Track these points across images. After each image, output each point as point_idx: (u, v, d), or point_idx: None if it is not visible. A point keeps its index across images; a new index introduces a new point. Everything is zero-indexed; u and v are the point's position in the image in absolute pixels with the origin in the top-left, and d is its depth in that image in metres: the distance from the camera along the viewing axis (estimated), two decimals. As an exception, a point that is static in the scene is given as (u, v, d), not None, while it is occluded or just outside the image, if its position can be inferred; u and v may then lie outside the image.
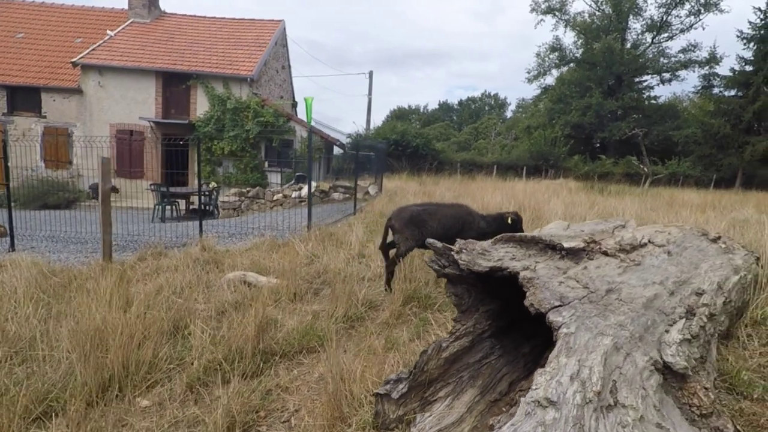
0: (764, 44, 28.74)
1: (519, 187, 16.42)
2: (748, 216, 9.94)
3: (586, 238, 1.93)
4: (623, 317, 1.45)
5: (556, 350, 1.22)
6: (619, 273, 1.76)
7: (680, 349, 1.38)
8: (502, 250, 1.84)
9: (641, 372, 1.26)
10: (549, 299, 1.45)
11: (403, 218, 4.41)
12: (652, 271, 1.87)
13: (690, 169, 30.13)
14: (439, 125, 62.37)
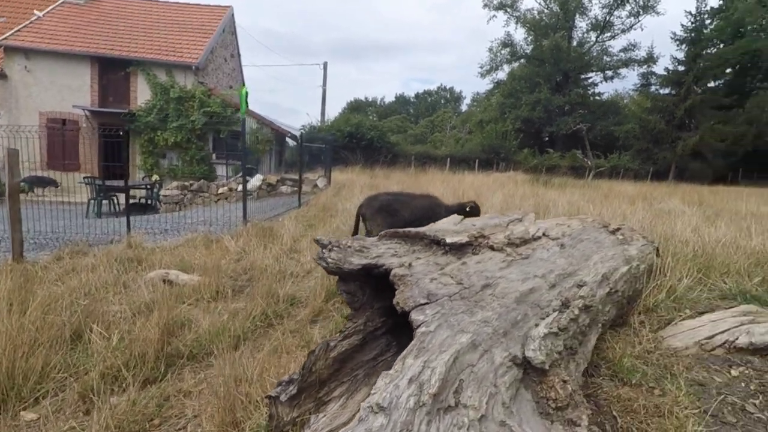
0: (694, 46, 30.77)
1: (468, 180, 16.75)
2: (673, 207, 10.63)
3: (475, 233, 1.94)
4: (491, 313, 1.46)
5: (406, 351, 1.20)
6: (501, 267, 1.78)
7: (543, 343, 1.40)
8: (384, 246, 1.81)
9: (497, 369, 1.27)
10: (415, 297, 1.43)
11: (375, 207, 4.46)
12: (538, 265, 1.91)
13: (629, 163, 31.90)
14: (396, 118, 62.54)
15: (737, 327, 2.50)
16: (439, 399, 1.06)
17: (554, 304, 1.66)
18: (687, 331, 2.62)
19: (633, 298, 2.52)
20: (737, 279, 3.84)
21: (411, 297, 1.44)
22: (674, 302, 2.99)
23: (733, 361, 2.38)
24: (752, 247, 4.96)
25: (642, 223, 6.85)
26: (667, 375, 2.18)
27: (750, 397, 2.11)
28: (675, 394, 1.96)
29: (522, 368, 1.36)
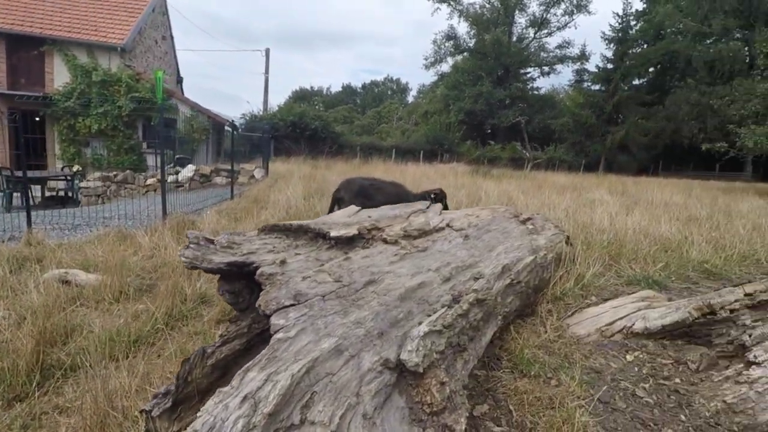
0: (621, 45, 32.76)
1: (411, 170, 16.84)
2: (599, 197, 11.23)
3: (367, 225, 1.82)
4: (367, 312, 1.34)
5: (251, 363, 1.06)
6: (391, 262, 1.68)
7: (422, 343, 1.31)
8: (260, 241, 1.65)
9: (363, 376, 1.15)
10: (281, 298, 1.29)
11: (352, 190, 4.54)
12: (435, 257, 1.83)
13: (564, 155, 33.55)
14: (343, 108, 61.85)
15: (635, 312, 2.59)
16: (278, 418, 0.93)
17: (444, 299, 1.58)
18: (590, 319, 2.67)
19: (540, 287, 2.53)
20: (643, 265, 4.05)
21: (275, 298, 1.29)
22: (582, 290, 3.06)
23: (630, 346, 2.45)
24: (660, 233, 5.29)
25: (567, 212, 7.14)
26: (566, 364, 2.19)
27: (641, 382, 2.16)
28: (569, 384, 1.96)
29: (396, 372, 1.26)
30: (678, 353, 2.35)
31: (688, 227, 6.07)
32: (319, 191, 8.13)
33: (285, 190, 8.27)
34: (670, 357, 2.34)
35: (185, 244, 1.48)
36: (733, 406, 1.90)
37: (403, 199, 4.59)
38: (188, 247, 1.47)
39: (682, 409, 1.96)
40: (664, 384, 2.15)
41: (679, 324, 2.38)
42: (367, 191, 4.56)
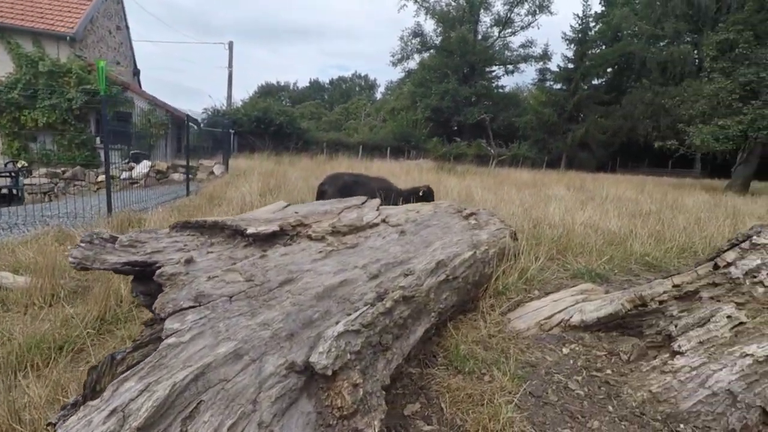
0: (581, 46, 33.79)
1: (376, 167, 16.79)
2: (557, 192, 11.54)
3: (292, 221, 1.75)
4: (277, 313, 1.28)
5: (131, 372, 0.97)
6: (314, 259, 1.62)
7: (335, 344, 1.25)
8: (168, 239, 1.54)
9: (263, 381, 1.09)
10: (179, 300, 1.20)
11: (336, 185, 4.62)
12: (364, 254, 1.78)
13: (527, 152, 34.36)
14: (310, 104, 61.06)
15: (573, 306, 2.62)
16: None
17: (368, 297, 1.53)
18: (531, 313, 2.70)
19: (480, 282, 2.53)
20: (589, 258, 4.15)
21: (173, 300, 1.20)
22: (525, 284, 3.10)
23: (567, 339, 2.48)
24: (608, 228, 5.45)
25: (523, 207, 7.27)
26: (502, 359, 2.19)
27: (575, 374, 2.19)
28: (501, 380, 1.95)
29: (305, 376, 1.19)
30: (612, 345, 2.40)
31: (634, 222, 6.30)
32: (277, 188, 7.96)
33: (242, 187, 8.05)
34: (604, 349, 2.38)
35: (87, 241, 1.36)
36: (658, 396, 1.95)
37: (387, 194, 4.73)
38: (78, 247, 1.36)
39: (610, 400, 1.99)
40: (596, 376, 2.18)
41: (613, 316, 2.43)
42: (351, 186, 4.58)
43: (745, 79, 16.57)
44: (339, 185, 4.65)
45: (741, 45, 16.97)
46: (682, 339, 2.09)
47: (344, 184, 4.66)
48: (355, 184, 4.69)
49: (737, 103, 16.65)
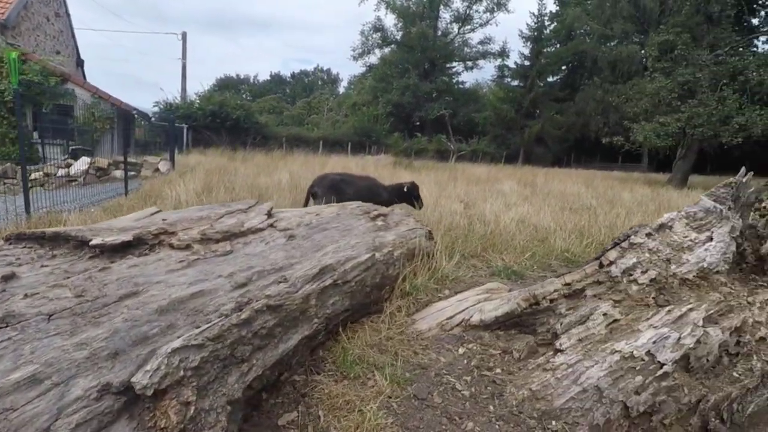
0: (537, 44, 34.69)
1: (332, 162, 16.62)
2: (508, 188, 11.78)
3: (153, 230, 1.67)
4: (103, 331, 1.20)
5: None
6: (171, 270, 1.55)
7: (166, 360, 1.19)
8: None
9: (65, 406, 1.02)
10: (-27, 324, 1.11)
11: (325, 185, 4.85)
12: (236, 262, 1.72)
13: (487, 147, 35.03)
14: (271, 98, 59.76)
15: (474, 305, 2.66)
16: None
17: (226, 308, 1.47)
18: (435, 313, 2.72)
19: (383, 284, 2.52)
20: (513, 255, 4.25)
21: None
22: (437, 284, 3.12)
23: (466, 339, 2.51)
24: (539, 223, 5.60)
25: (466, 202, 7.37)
26: (394, 362, 2.18)
27: (465, 375, 2.21)
28: (382, 385, 1.94)
29: (127, 396, 1.13)
30: (507, 343, 2.45)
31: (565, 217, 6.51)
32: (219, 185, 7.72)
33: (183, 185, 7.75)
34: (500, 347, 2.42)
35: None
36: (537, 394, 1.99)
37: (374, 192, 5.00)
38: None
39: (493, 400, 2.02)
40: (485, 375, 2.21)
41: (510, 315, 2.48)
42: (339, 185, 4.86)
43: (683, 79, 17.49)
44: (326, 185, 4.88)
45: (679, 46, 17.88)
46: (564, 337, 2.15)
47: (331, 183, 4.90)
48: (342, 183, 4.94)
49: (676, 101, 17.56)
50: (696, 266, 2.05)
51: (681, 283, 2.07)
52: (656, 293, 2.07)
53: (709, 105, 16.35)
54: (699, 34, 18.39)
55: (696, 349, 1.79)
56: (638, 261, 2.15)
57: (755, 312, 1.90)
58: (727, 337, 1.78)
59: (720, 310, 1.87)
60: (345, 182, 4.99)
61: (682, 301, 2.01)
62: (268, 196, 6.65)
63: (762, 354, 1.80)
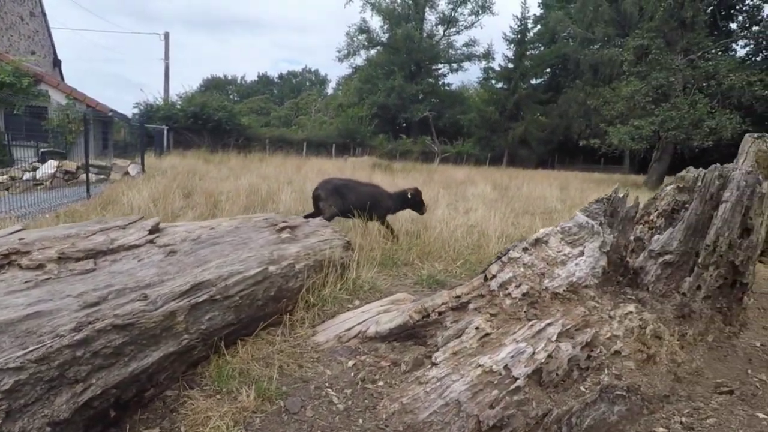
0: (520, 46, 34.97)
1: (310, 165, 16.61)
2: (478, 191, 11.85)
3: (2, 251, 1.69)
4: None
5: None
6: (10, 291, 1.56)
7: None
8: None
9: None
10: None
11: (328, 189, 4.99)
12: (96, 280, 1.74)
13: (471, 149, 35.27)
14: (258, 99, 59.61)
15: (374, 317, 2.70)
16: None
17: (64, 328, 1.49)
18: (338, 324, 2.75)
19: (279, 297, 2.54)
20: (445, 263, 4.30)
21: None
22: (350, 294, 3.16)
23: (361, 351, 2.55)
24: (489, 229, 5.66)
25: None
26: (275, 375, 2.21)
27: (347, 387, 2.24)
28: (250, 399, 1.97)
29: None
30: (400, 355, 2.48)
31: (524, 221, 6.59)
32: (179, 190, 7.68)
33: (144, 190, 7.71)
34: (390, 359, 2.46)
35: None
36: (407, 407, 2.03)
37: (377, 198, 5.13)
38: None
39: (365, 413, 2.06)
40: (367, 388, 2.25)
41: (403, 327, 2.52)
42: (341, 190, 4.99)
43: (657, 83, 17.78)
44: (329, 189, 5.01)
45: (653, 51, 18.17)
46: (441, 350, 2.20)
47: (334, 188, 5.03)
48: (344, 188, 5.07)
49: (650, 105, 17.85)
50: (566, 280, 2.11)
51: (552, 297, 2.13)
52: (528, 307, 2.12)
53: (682, 109, 16.63)
54: (673, 38, 18.69)
55: (548, 363, 1.84)
56: (514, 275, 2.20)
57: (614, 326, 1.96)
58: (578, 352, 1.83)
59: (577, 324, 1.92)
60: (348, 187, 5.10)
61: (550, 315, 2.06)
62: (223, 202, 6.65)
63: (614, 368, 1.86)
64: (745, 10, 32.56)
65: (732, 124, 15.84)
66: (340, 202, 4.88)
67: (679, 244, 2.16)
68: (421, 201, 5.35)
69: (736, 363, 1.93)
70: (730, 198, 2.05)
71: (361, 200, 4.93)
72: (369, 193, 5.15)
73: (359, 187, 5.28)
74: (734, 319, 2.06)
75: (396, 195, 5.34)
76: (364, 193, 5.12)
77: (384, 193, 5.31)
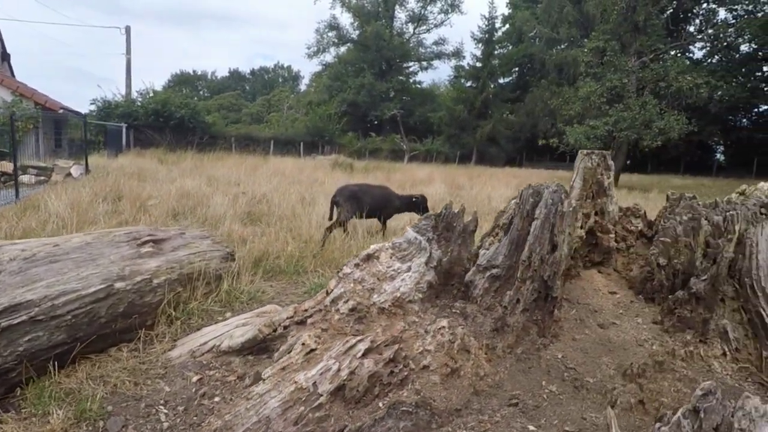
0: (488, 45, 35.37)
1: (271, 164, 16.44)
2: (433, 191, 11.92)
3: None
4: None
5: None
6: None
7: None
8: None
9: None
10: None
11: (344, 195, 5.46)
12: None
13: (441, 147, 35.50)
14: (229, 95, 58.66)
15: (231, 330, 2.72)
16: None
17: None
18: (197, 338, 2.76)
19: (129, 313, 2.53)
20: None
21: None
22: (223, 306, 3.17)
23: (212, 365, 2.56)
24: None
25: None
26: (101, 395, 2.20)
27: (182, 404, 2.26)
28: (60, 421, 1.96)
29: None
30: (249, 369, 2.51)
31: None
32: (109, 196, 7.50)
33: (72, 194, 7.50)
34: (238, 374, 2.48)
35: None
36: (228, 423, 2.06)
37: (389, 200, 5.69)
38: None
39: (189, 429, 2.08)
40: (203, 404, 2.27)
41: (254, 341, 2.55)
42: (357, 194, 5.48)
43: (611, 84, 18.27)
44: (346, 195, 5.48)
45: (608, 53, 18.66)
46: (271, 366, 2.23)
47: (350, 193, 5.51)
48: (360, 192, 5.56)
49: (605, 105, 18.33)
50: (391, 295, 2.17)
51: (379, 312, 2.19)
52: (354, 322, 2.18)
53: (633, 110, 17.14)
54: (627, 41, 19.21)
55: (351, 380, 1.90)
56: (344, 291, 2.25)
57: (428, 340, 2.03)
58: (380, 368, 1.89)
59: (387, 340, 1.98)
60: (363, 191, 5.60)
61: (373, 330, 2.12)
62: (144, 210, 6.53)
63: (418, 383, 1.93)
64: (701, 13, 33.80)
65: (679, 124, 16.43)
66: (356, 206, 5.36)
67: (504, 259, 2.24)
68: (426, 206, 5.79)
69: (537, 374, 2.02)
70: (539, 215, 2.15)
71: (375, 202, 5.51)
72: (381, 195, 5.74)
73: (372, 190, 5.81)
74: (547, 331, 2.16)
75: (405, 198, 5.90)
76: (377, 195, 5.69)
77: (394, 195, 5.90)
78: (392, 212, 5.85)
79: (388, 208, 5.71)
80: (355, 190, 5.60)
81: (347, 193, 5.53)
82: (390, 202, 5.73)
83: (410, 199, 5.84)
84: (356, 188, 5.70)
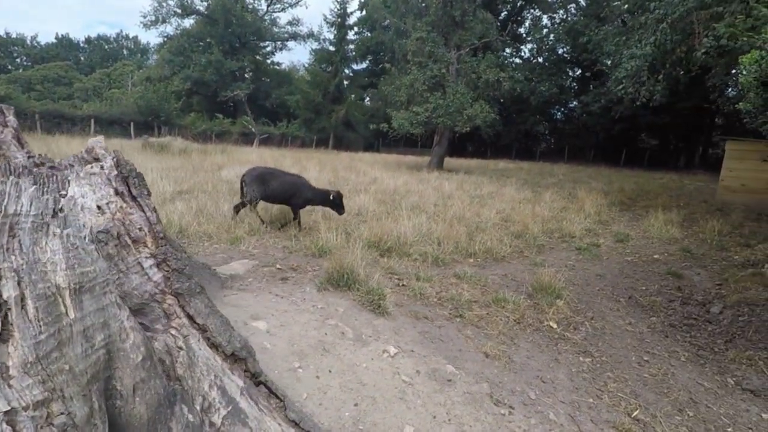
0: (340, 30, 35.51)
1: (74, 146, 14.12)
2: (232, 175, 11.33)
3: None
4: None
5: None
6: None
7: None
8: None
9: None
10: None
11: (252, 176, 5.44)
12: None
13: (297, 131, 34.92)
14: (57, 65, 50.11)
15: None
16: None
17: None
18: None
19: None
20: None
21: None
22: None
23: None
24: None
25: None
26: None
27: None
28: None
29: None
30: None
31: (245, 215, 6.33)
32: None
33: None
34: None
35: None
36: None
37: (300, 189, 5.53)
38: None
39: None
40: None
41: None
42: (264, 177, 5.43)
43: (432, 73, 19.56)
44: (254, 176, 5.43)
45: (429, 44, 19.91)
46: None
47: (258, 175, 5.45)
48: (268, 175, 5.48)
49: (426, 93, 19.58)
50: None
51: None
52: None
53: (449, 98, 18.61)
54: (448, 34, 20.71)
55: None
56: None
57: None
58: None
59: None
60: (272, 175, 5.51)
61: None
62: None
63: None
64: (529, 18, 38.23)
65: (483, 112, 18.30)
66: (261, 188, 5.34)
67: None
68: (341, 203, 5.70)
69: None
70: None
71: (283, 188, 5.43)
72: (291, 182, 5.55)
73: (283, 176, 5.63)
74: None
75: (319, 191, 5.72)
76: (287, 182, 5.53)
77: (307, 186, 5.66)
78: (302, 203, 5.62)
79: (297, 197, 5.52)
80: (263, 173, 5.54)
81: (255, 175, 5.49)
82: (300, 191, 5.54)
83: (326, 194, 5.69)
84: (265, 171, 5.64)
